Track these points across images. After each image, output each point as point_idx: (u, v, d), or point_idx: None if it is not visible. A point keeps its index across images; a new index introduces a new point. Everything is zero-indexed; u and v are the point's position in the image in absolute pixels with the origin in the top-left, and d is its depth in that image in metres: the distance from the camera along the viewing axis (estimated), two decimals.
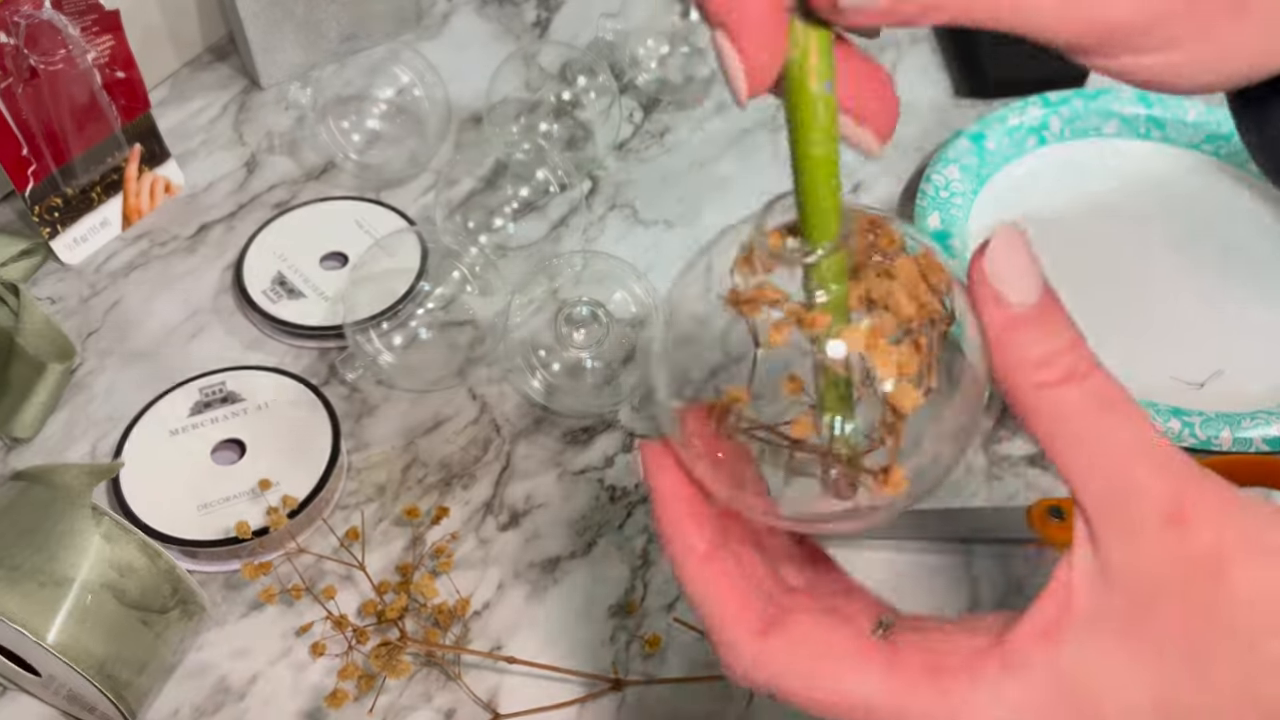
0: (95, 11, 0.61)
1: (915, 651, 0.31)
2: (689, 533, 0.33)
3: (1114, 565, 0.28)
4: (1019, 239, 0.30)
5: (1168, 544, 0.28)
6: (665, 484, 0.34)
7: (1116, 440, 0.29)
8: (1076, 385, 0.29)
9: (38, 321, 0.59)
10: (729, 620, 0.32)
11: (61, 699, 0.50)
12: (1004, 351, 0.29)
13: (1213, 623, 0.28)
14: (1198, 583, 0.28)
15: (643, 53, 0.74)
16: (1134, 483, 0.28)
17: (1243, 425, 0.57)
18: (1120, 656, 0.29)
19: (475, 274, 0.60)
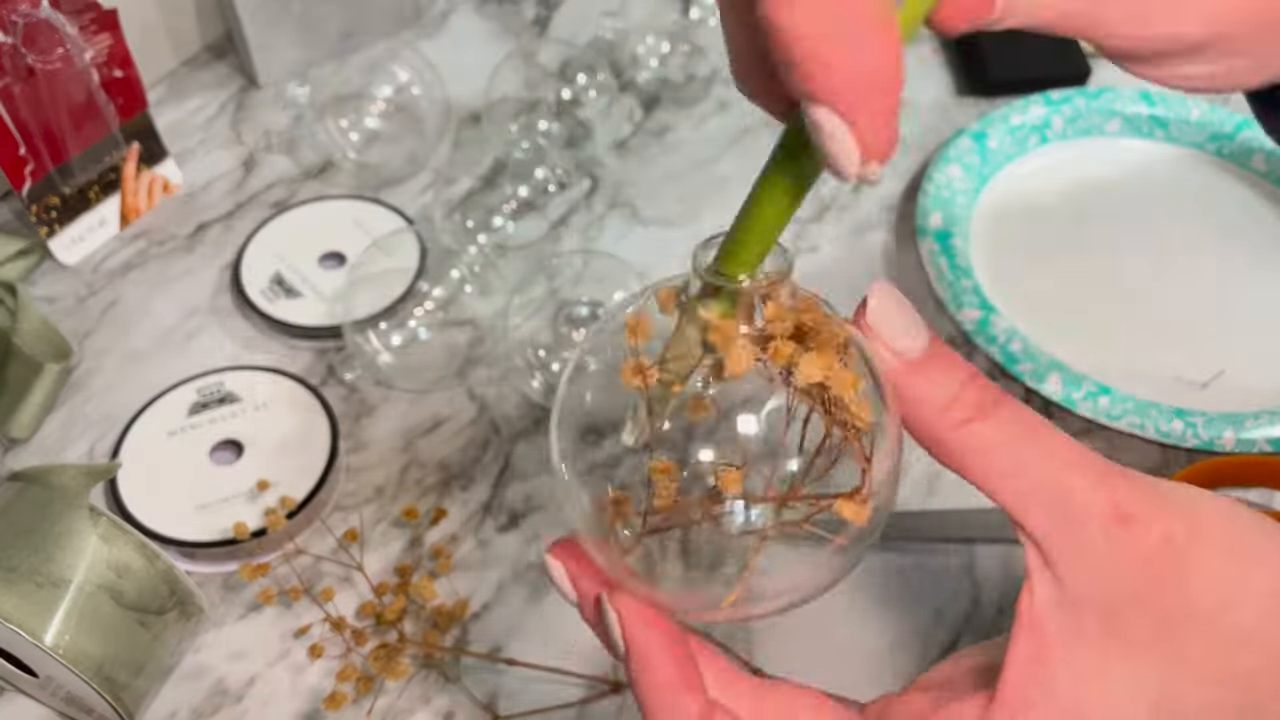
0: (93, 10, 0.61)
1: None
2: (681, 703, 0.32)
3: (1075, 584, 0.29)
4: (890, 291, 0.30)
5: (1122, 548, 0.28)
6: (650, 643, 0.32)
7: (1042, 462, 0.29)
8: (988, 418, 0.29)
9: (35, 321, 0.58)
10: (681, 687, 0.32)
11: (59, 700, 0.49)
12: (911, 400, 0.30)
13: (1182, 612, 0.28)
14: (1160, 577, 0.28)
15: (643, 51, 0.74)
16: (1073, 498, 0.28)
17: (1246, 425, 0.57)
18: (1108, 671, 0.29)
19: (474, 274, 0.60)
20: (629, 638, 0.32)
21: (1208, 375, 0.61)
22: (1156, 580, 0.28)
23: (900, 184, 0.71)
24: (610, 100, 0.69)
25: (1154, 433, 0.57)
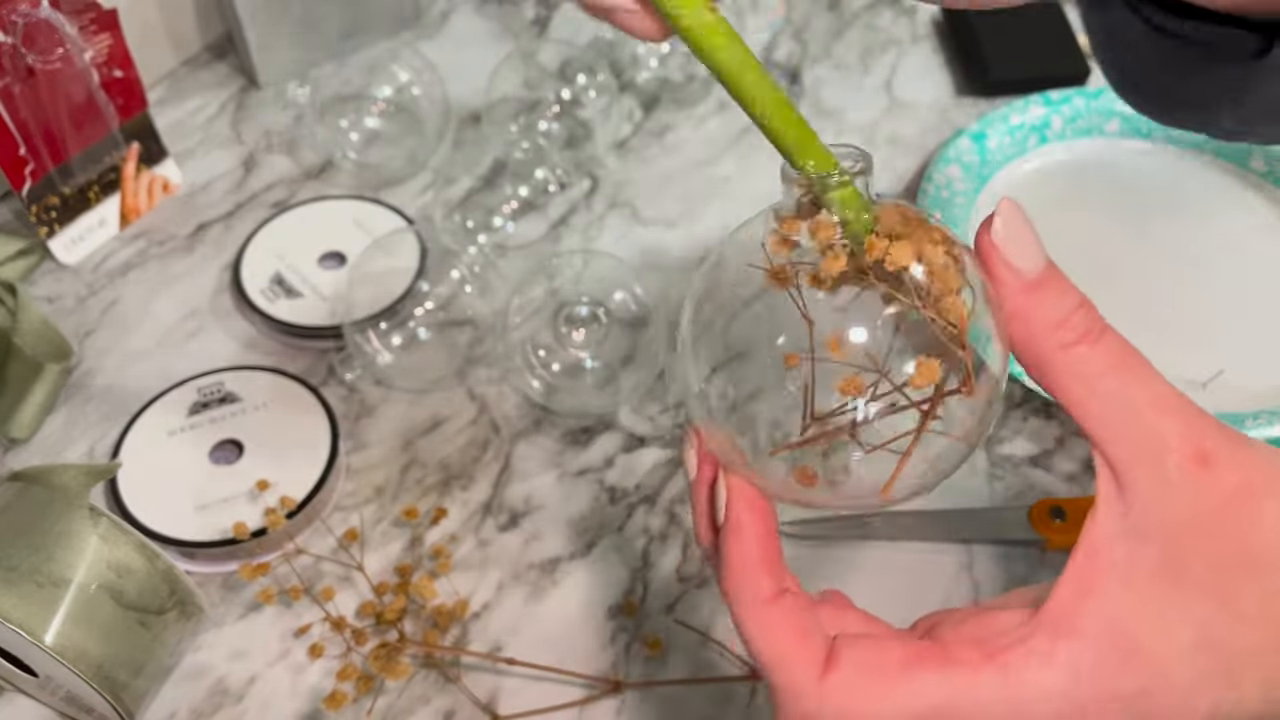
0: (93, 10, 0.61)
1: (965, 644, 0.31)
2: (759, 577, 0.33)
3: (1145, 515, 0.29)
4: (1018, 211, 0.31)
5: (1198, 487, 0.29)
6: (748, 520, 0.33)
7: (1137, 394, 0.30)
8: (1094, 344, 0.30)
9: (35, 321, 0.58)
10: (791, 664, 0.32)
11: (59, 700, 0.49)
12: (1024, 316, 0.30)
13: (1244, 558, 0.29)
14: (1229, 521, 0.29)
15: (642, 51, 0.74)
16: (1159, 433, 0.29)
17: (1246, 425, 0.57)
18: (1159, 603, 0.29)
19: (474, 273, 0.60)
20: (731, 511, 0.33)
21: (1207, 375, 0.61)
22: (1223, 524, 0.29)
23: (900, 184, 0.71)
24: (610, 100, 0.69)
25: None
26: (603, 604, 0.54)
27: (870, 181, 0.32)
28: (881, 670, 0.31)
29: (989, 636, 0.31)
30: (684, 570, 0.55)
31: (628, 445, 0.59)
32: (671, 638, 0.53)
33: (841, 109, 0.76)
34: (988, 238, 0.31)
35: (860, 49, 0.80)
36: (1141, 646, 0.30)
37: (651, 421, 0.60)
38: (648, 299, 0.59)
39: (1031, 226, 0.31)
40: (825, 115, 0.75)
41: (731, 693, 0.51)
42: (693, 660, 0.52)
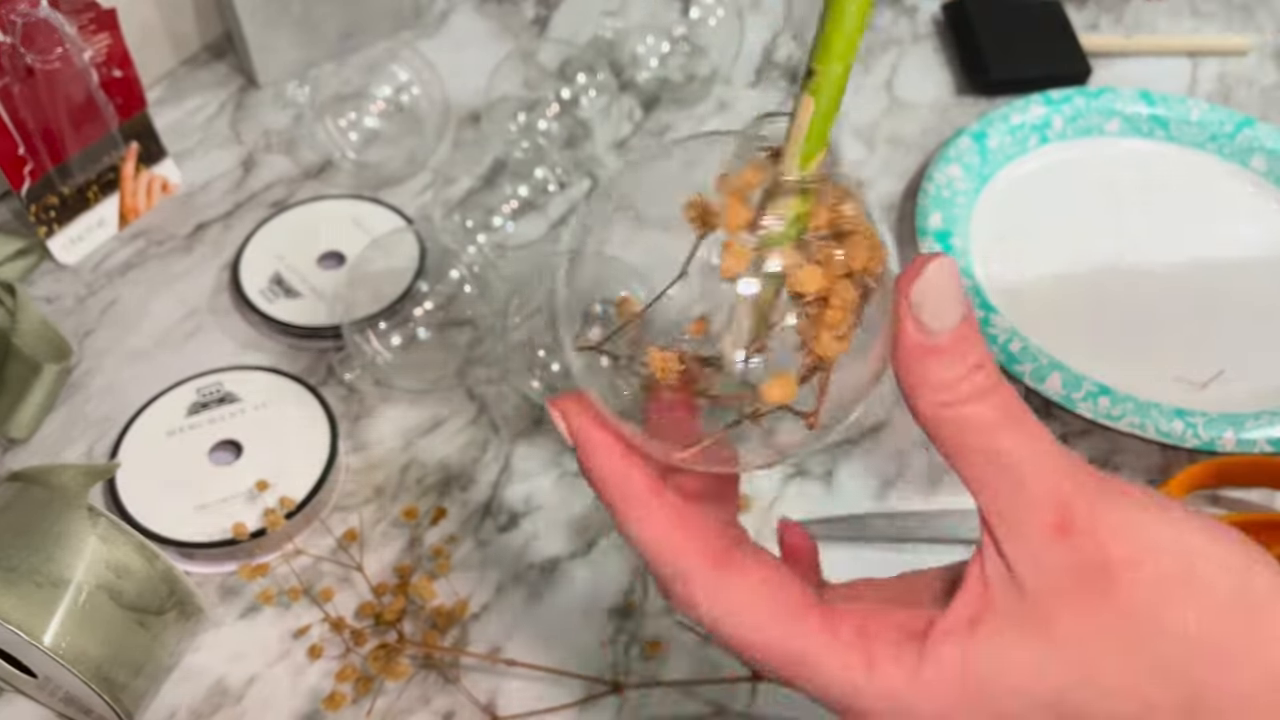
0: (92, 10, 0.61)
1: (852, 618, 0.32)
2: (630, 471, 0.33)
3: (1014, 571, 0.30)
4: (945, 271, 0.30)
5: (1057, 554, 0.30)
6: (592, 432, 0.34)
7: (1012, 454, 0.30)
8: (978, 403, 0.30)
9: (34, 321, 0.58)
10: (682, 551, 0.33)
11: (58, 701, 0.49)
12: (910, 373, 0.31)
13: (1102, 630, 0.29)
14: (1084, 590, 0.29)
15: (642, 50, 0.74)
16: (1025, 496, 0.30)
17: (1246, 426, 0.57)
18: (1022, 653, 0.30)
19: (474, 273, 0.60)
20: (572, 427, 0.34)
21: (1208, 375, 0.61)
22: (1083, 592, 0.29)
23: (900, 184, 0.71)
24: (610, 100, 0.69)
25: (1154, 433, 0.57)
26: (602, 605, 0.54)
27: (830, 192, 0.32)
28: (771, 599, 0.32)
29: (875, 626, 0.32)
30: None
31: None
32: (671, 638, 0.52)
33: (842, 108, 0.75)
34: (905, 294, 0.30)
35: (860, 49, 0.80)
36: (996, 695, 0.30)
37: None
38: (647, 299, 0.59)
39: (956, 288, 0.30)
40: None
41: (732, 693, 0.51)
42: (692, 661, 0.52)
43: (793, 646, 0.32)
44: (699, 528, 0.33)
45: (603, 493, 0.34)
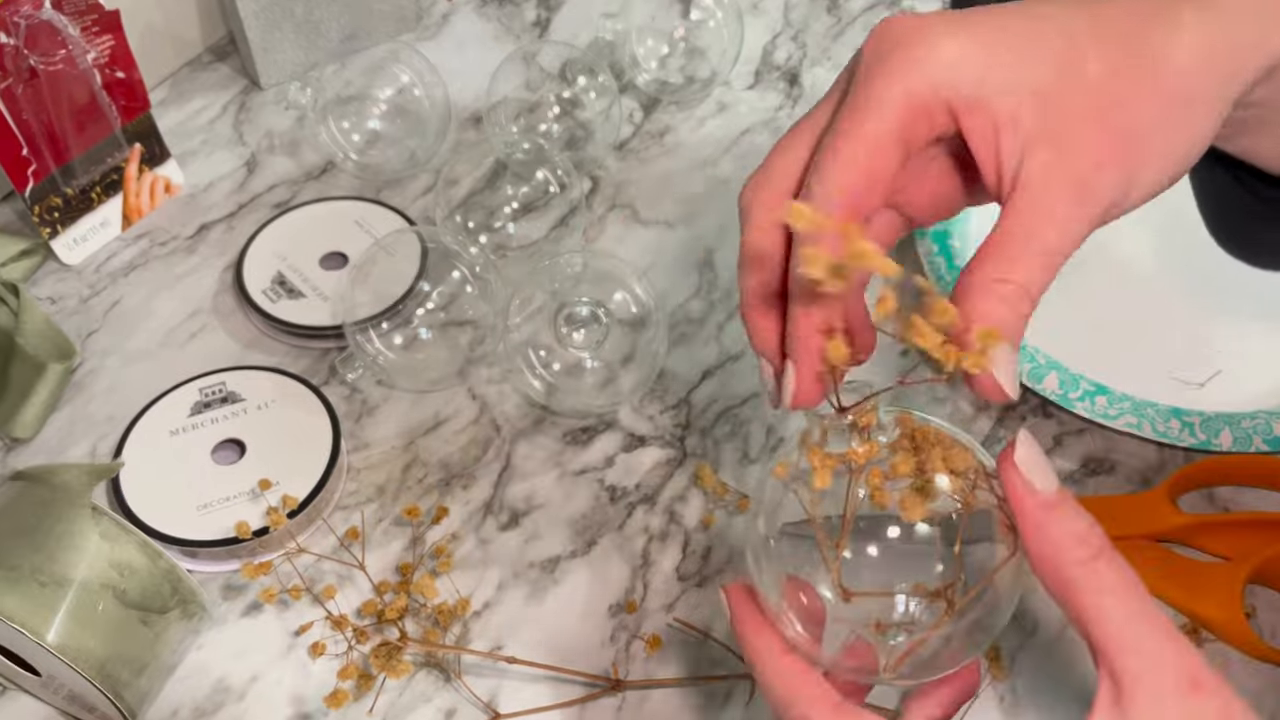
0: (95, 12, 0.61)
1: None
2: (771, 633, 0.38)
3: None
4: (1034, 440, 0.34)
5: (1189, 707, 0.32)
6: (744, 608, 0.39)
7: (1146, 617, 0.33)
8: (1109, 562, 0.33)
9: (38, 321, 0.59)
10: (807, 696, 0.37)
11: (61, 699, 0.50)
12: (1044, 531, 0.33)
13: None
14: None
15: (643, 53, 0.74)
16: (1163, 656, 0.32)
17: (1242, 425, 0.57)
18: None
19: (475, 274, 0.60)
20: (732, 605, 0.39)
21: (1204, 375, 0.61)
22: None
23: None
24: (610, 102, 0.69)
25: (1151, 432, 0.57)
26: (603, 603, 0.54)
27: None
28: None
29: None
30: (683, 569, 0.55)
31: (628, 445, 0.59)
32: (671, 636, 0.53)
33: None
34: (1010, 462, 0.34)
35: None
36: None
37: (651, 421, 0.60)
38: (648, 299, 0.60)
39: (1044, 454, 0.34)
40: None
41: (731, 691, 0.51)
42: (692, 659, 0.52)
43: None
44: (822, 683, 0.37)
45: (746, 644, 0.39)
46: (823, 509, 0.36)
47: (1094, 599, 0.32)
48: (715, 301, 0.65)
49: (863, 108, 0.35)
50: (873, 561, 0.36)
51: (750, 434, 0.60)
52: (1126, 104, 0.35)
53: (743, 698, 0.51)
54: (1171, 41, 0.35)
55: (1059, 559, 0.33)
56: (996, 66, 0.35)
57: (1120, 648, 0.32)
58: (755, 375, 0.62)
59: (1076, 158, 0.35)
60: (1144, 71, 0.35)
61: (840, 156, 0.35)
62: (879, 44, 0.36)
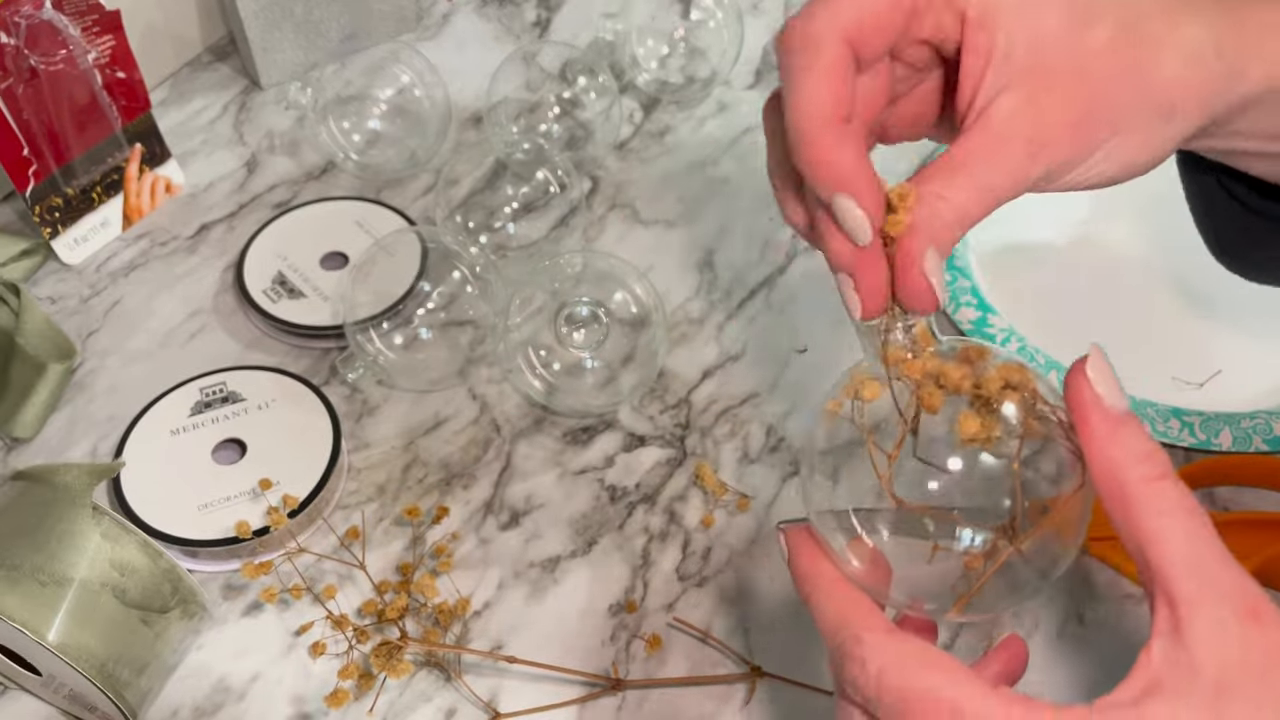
0: (96, 12, 0.61)
1: (1013, 695, 0.33)
2: (825, 563, 0.37)
3: (1200, 652, 0.31)
4: (1105, 357, 0.34)
5: (1248, 637, 0.31)
6: (801, 543, 0.38)
7: (1206, 541, 0.32)
8: (1174, 484, 0.32)
9: (38, 321, 0.59)
10: (860, 617, 0.35)
11: (62, 698, 0.50)
12: (1109, 444, 0.33)
13: (1277, 705, 0.31)
14: (1268, 670, 0.31)
15: (643, 53, 0.74)
16: (1223, 582, 0.32)
17: (1242, 425, 0.57)
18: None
19: (475, 274, 0.60)
20: (789, 546, 0.38)
21: (1204, 375, 0.61)
22: (1267, 671, 0.31)
23: None
24: (610, 102, 0.69)
25: (1150, 431, 0.57)
26: (603, 602, 0.54)
27: None
28: (937, 662, 0.34)
29: (1034, 702, 0.33)
30: (683, 569, 0.55)
31: (628, 444, 0.59)
32: (671, 636, 0.53)
33: None
34: (1081, 372, 0.33)
35: None
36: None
37: (651, 421, 0.60)
38: (648, 299, 0.60)
39: (1113, 372, 0.34)
40: None
41: (730, 691, 0.51)
42: (692, 658, 0.52)
43: (957, 694, 0.32)
44: (875, 609, 0.36)
45: (795, 565, 0.38)
46: (875, 432, 0.36)
47: (1155, 520, 0.32)
48: (715, 301, 0.66)
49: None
50: (929, 484, 0.35)
51: (750, 434, 0.60)
52: (1110, 88, 0.35)
53: (742, 697, 0.51)
54: (1169, 43, 0.36)
55: (1122, 475, 0.32)
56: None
57: (1179, 571, 0.31)
58: (755, 375, 0.62)
59: (1045, 116, 0.35)
60: (1137, 64, 0.36)
61: None
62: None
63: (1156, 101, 0.36)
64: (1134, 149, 0.37)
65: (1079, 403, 0.33)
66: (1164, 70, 0.36)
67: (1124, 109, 0.36)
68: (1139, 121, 0.36)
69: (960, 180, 0.35)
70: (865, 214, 0.35)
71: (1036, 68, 0.35)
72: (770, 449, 0.59)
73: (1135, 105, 0.36)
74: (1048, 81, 0.35)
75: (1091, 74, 0.35)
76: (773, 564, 0.55)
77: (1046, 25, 0.35)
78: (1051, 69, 0.35)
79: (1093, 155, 0.36)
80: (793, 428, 0.60)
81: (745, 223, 0.69)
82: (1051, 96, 0.35)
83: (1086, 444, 0.33)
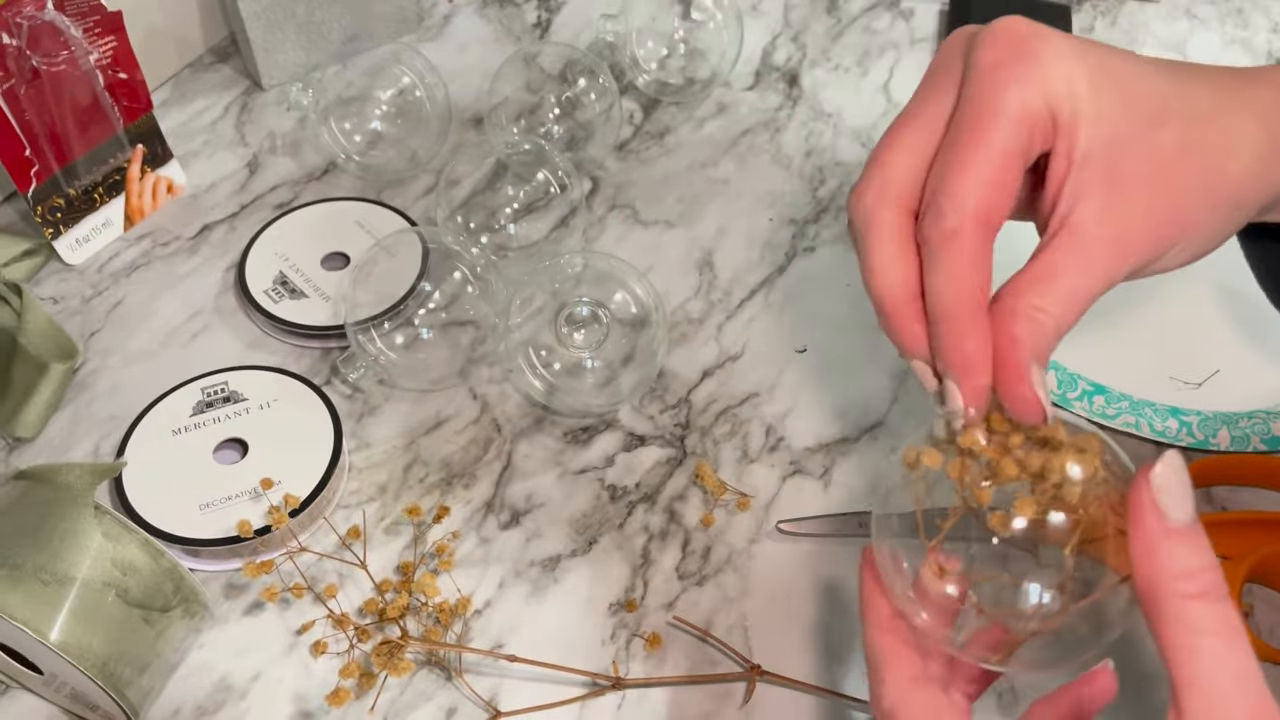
0: (98, 13, 0.61)
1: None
2: (880, 601, 0.39)
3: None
4: (1180, 463, 0.34)
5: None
6: (868, 574, 0.40)
7: (1227, 667, 0.32)
8: (1211, 604, 0.32)
9: (40, 321, 0.59)
10: (892, 656, 0.38)
11: (64, 697, 0.50)
12: (1153, 557, 0.33)
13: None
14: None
15: (643, 54, 0.74)
16: (1233, 708, 0.32)
17: (1240, 425, 0.58)
18: None
19: (476, 274, 0.60)
20: (863, 570, 0.40)
21: (1203, 375, 0.61)
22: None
23: None
24: (611, 103, 0.70)
25: (1149, 432, 0.57)
26: (603, 601, 0.54)
27: None
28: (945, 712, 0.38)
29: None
30: (683, 568, 0.55)
31: (628, 444, 0.60)
32: (671, 635, 0.53)
33: (840, 111, 0.76)
34: (1145, 477, 0.33)
35: (859, 52, 0.80)
36: None
37: (651, 421, 0.60)
38: (648, 299, 0.60)
39: (1188, 480, 0.34)
40: (824, 117, 0.76)
41: (730, 690, 0.51)
42: (692, 657, 0.52)
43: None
44: (909, 650, 0.39)
45: (862, 606, 0.40)
46: (937, 501, 0.37)
47: (1181, 636, 0.32)
48: (715, 301, 0.66)
49: (988, 117, 0.36)
50: (982, 556, 0.36)
51: (750, 434, 0.60)
52: (1184, 192, 0.37)
53: (741, 696, 0.51)
54: (1234, 145, 0.38)
55: (1159, 588, 0.33)
56: (1096, 100, 0.36)
57: (1193, 691, 0.32)
58: (755, 375, 0.62)
59: (1127, 219, 0.36)
60: (1206, 167, 0.37)
61: (969, 170, 0.36)
62: (997, 51, 0.36)
63: (1226, 199, 0.38)
64: (1205, 240, 0.39)
65: (1136, 505, 0.34)
66: (1231, 171, 0.38)
67: (1197, 210, 0.38)
68: (1211, 218, 0.38)
69: (1055, 292, 0.36)
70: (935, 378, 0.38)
71: (1114, 172, 0.36)
72: (770, 449, 0.59)
73: (1208, 205, 0.38)
74: (1126, 186, 0.36)
75: (1166, 179, 0.37)
76: (773, 564, 0.55)
77: (1123, 131, 0.36)
78: (1128, 174, 0.36)
79: (1170, 251, 0.38)
80: (792, 428, 0.60)
81: (745, 223, 0.69)
82: (1131, 203, 0.37)
83: (1133, 549, 0.33)
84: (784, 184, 0.71)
